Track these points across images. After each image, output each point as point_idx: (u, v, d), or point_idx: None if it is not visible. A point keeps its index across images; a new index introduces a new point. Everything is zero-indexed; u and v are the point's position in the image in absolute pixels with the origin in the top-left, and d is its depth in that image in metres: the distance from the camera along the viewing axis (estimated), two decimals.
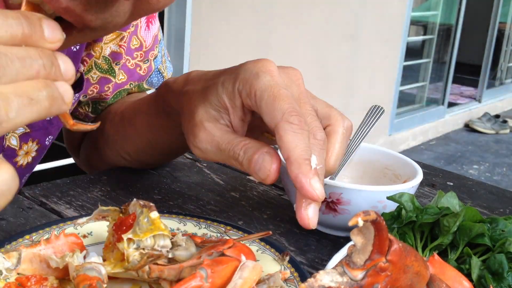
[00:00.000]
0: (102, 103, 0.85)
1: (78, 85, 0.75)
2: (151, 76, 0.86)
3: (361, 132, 0.82)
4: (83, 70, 0.79)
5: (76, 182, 0.77)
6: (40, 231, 0.56)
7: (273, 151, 0.52)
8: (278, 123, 0.50)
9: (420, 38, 5.22)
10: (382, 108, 0.85)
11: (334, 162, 0.58)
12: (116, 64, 0.81)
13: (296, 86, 0.56)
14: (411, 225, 0.59)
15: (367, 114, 0.85)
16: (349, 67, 3.76)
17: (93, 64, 0.80)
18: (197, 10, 2.61)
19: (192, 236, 0.53)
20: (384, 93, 4.23)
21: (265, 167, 0.50)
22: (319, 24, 3.38)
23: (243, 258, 0.49)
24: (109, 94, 0.83)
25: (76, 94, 0.75)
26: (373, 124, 0.83)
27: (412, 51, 4.96)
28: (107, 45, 0.79)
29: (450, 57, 5.17)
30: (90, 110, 0.85)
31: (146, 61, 0.84)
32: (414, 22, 4.91)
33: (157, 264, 0.49)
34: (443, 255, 0.57)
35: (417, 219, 0.58)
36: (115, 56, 0.80)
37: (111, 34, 0.78)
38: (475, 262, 0.54)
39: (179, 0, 2.55)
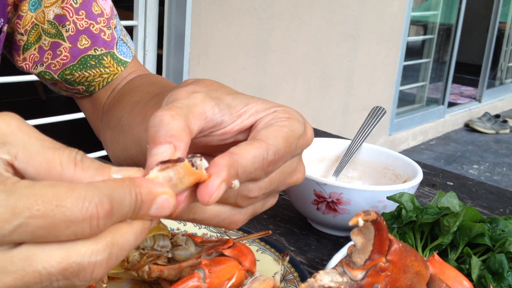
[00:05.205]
0: (67, 71, 0.83)
1: None
2: (119, 45, 0.84)
3: (363, 132, 0.82)
4: (7, 29, 0.78)
5: None
6: None
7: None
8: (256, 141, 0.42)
9: (420, 38, 5.22)
10: (383, 109, 0.85)
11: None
12: (62, 27, 0.80)
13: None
14: (411, 225, 0.59)
15: (368, 115, 0.85)
16: (349, 67, 3.76)
17: (41, 31, 0.80)
18: (197, 10, 2.61)
19: (192, 236, 0.53)
20: (384, 93, 4.23)
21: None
22: (319, 24, 3.38)
23: (257, 273, 0.48)
24: (66, 59, 0.81)
25: None
26: (375, 125, 0.83)
27: (412, 51, 4.96)
28: (49, 9, 0.79)
29: (450, 57, 5.17)
30: (64, 83, 0.84)
31: (109, 28, 0.83)
32: (414, 22, 4.91)
33: (157, 264, 0.49)
34: (443, 255, 0.57)
35: (417, 219, 0.58)
36: (60, 19, 0.80)
37: None
38: (475, 262, 0.54)
39: (179, 0, 2.55)
